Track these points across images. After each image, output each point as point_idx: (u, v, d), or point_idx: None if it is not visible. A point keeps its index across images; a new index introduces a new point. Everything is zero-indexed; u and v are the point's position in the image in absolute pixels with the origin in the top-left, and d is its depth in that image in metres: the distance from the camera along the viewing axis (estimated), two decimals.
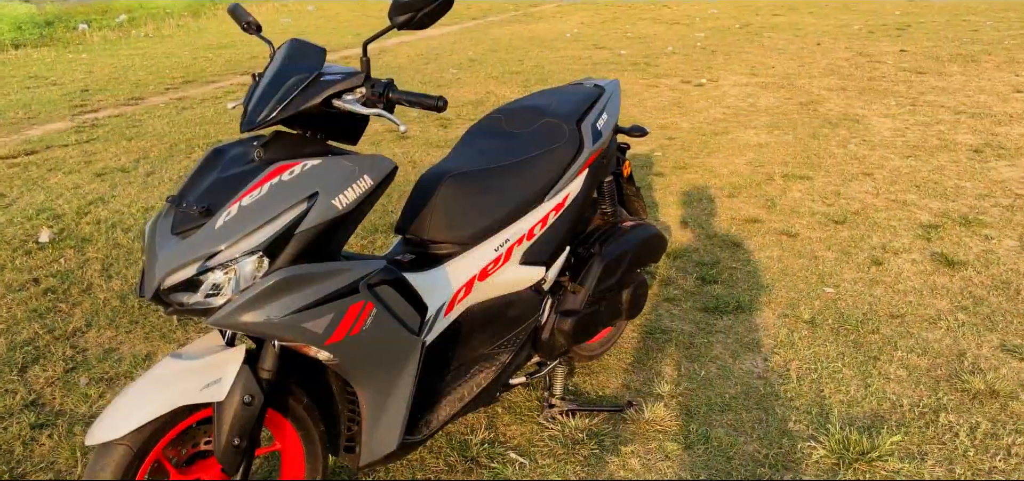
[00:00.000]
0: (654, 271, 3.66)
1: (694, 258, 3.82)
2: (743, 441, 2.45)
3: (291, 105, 1.82)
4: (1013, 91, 7.31)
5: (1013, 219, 4.16)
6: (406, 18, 1.80)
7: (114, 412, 1.74)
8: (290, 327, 1.75)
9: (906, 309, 3.24)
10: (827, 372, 2.81)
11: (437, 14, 1.80)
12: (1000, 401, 2.58)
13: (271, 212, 1.74)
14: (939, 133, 5.99)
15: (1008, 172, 4.98)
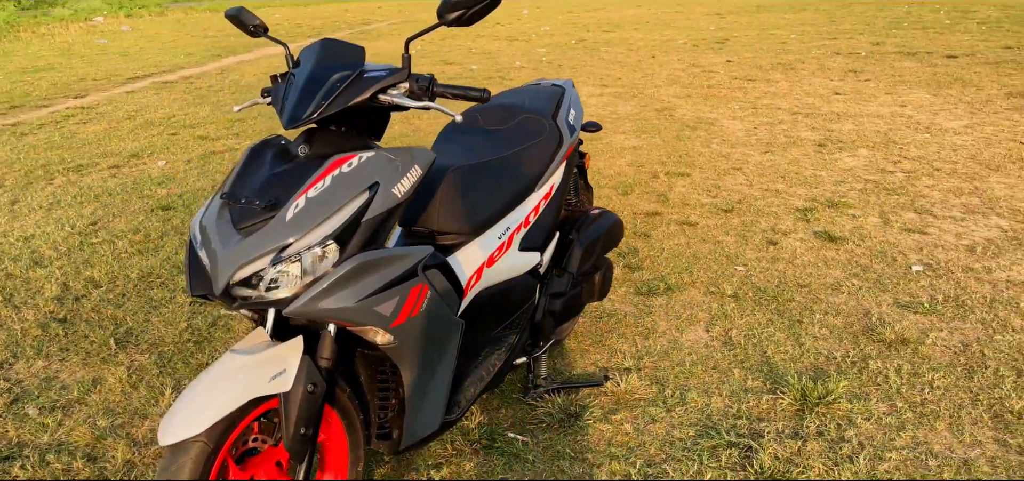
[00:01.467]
0: None
1: (615, 249, 4.10)
2: (715, 400, 2.72)
3: (338, 101, 1.88)
4: (833, 93, 8.25)
5: (870, 200, 4.77)
6: (457, 15, 1.91)
7: (185, 410, 1.73)
8: (364, 311, 1.81)
9: (809, 279, 3.67)
10: (763, 336, 3.15)
11: (486, 11, 1.92)
12: (911, 346, 3.02)
13: (338, 202, 1.80)
14: (784, 131, 6.68)
15: (851, 162, 5.66)
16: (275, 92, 2.07)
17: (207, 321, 3.44)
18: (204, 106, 8.65)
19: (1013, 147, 5.83)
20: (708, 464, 2.38)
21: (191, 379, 2.79)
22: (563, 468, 2.40)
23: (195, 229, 1.91)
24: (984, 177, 5.14)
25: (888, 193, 4.89)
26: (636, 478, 2.34)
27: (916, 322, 3.20)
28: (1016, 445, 2.40)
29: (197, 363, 3.09)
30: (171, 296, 3.71)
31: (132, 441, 2.61)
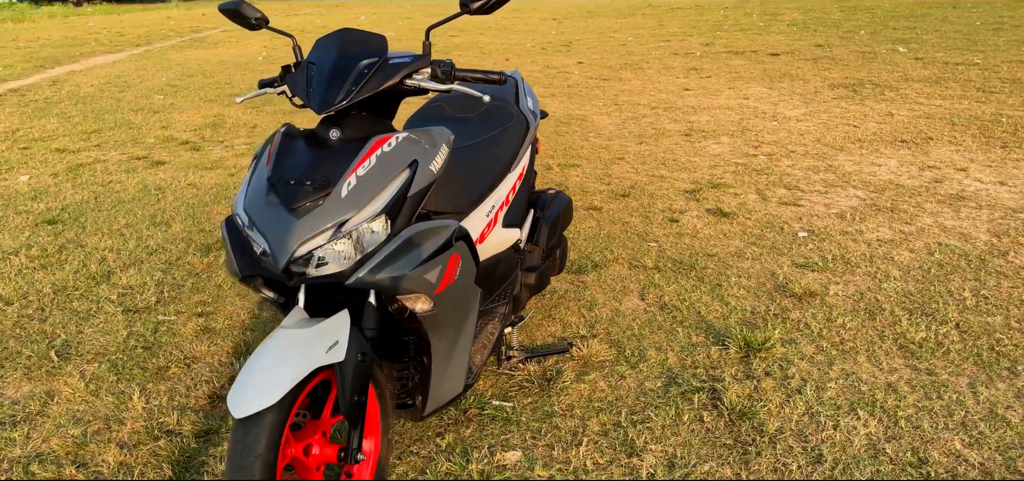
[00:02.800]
0: None
1: None
2: (671, 356, 3.03)
3: (368, 86, 2.01)
4: (682, 89, 8.93)
5: (744, 180, 5.31)
6: (480, 4, 2.09)
7: (254, 384, 1.80)
8: (415, 279, 1.95)
9: (715, 250, 4.09)
10: (693, 299, 3.50)
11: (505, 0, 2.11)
12: (819, 297, 3.47)
13: (386, 179, 1.93)
14: (650, 124, 7.20)
15: (718, 148, 6.23)
16: (293, 81, 2.15)
17: (148, 327, 3.37)
18: (48, 118, 8.12)
19: (849, 130, 6.62)
20: (684, 407, 2.67)
21: (152, 383, 2.78)
22: (556, 424, 2.61)
23: (240, 212, 1.97)
24: (833, 157, 5.82)
25: (757, 173, 5.45)
26: (625, 424, 2.59)
27: (816, 278, 3.67)
28: (924, 368, 2.86)
29: (154, 367, 3.05)
30: (97, 307, 3.59)
31: (119, 444, 2.56)
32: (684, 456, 2.42)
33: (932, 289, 3.49)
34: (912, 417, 2.56)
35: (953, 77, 8.79)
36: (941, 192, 4.87)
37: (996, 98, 7.56)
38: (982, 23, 13.80)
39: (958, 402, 2.63)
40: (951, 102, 7.52)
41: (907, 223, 4.35)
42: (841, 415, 2.58)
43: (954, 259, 3.81)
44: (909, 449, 2.40)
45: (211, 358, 3.11)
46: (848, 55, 10.84)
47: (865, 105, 7.59)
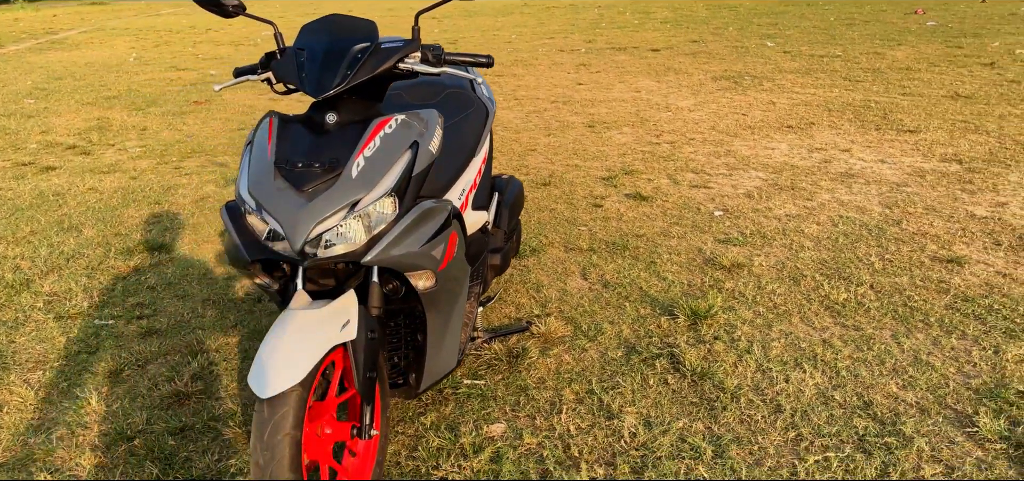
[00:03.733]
0: None
1: None
2: (624, 328, 3.20)
3: (363, 70, 2.07)
4: (575, 83, 9.22)
5: (654, 166, 5.59)
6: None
7: (275, 365, 1.81)
8: (424, 255, 2.03)
9: (642, 231, 4.31)
10: (632, 276, 3.70)
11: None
12: (746, 268, 3.74)
13: (391, 160, 2.00)
14: (553, 117, 7.42)
15: (622, 138, 6.51)
16: (282, 67, 2.17)
17: (88, 333, 3.25)
18: None
19: (738, 118, 7.05)
20: (648, 373, 2.84)
21: (107, 386, 2.73)
22: (532, 396, 2.73)
23: (246, 196, 1.97)
24: (729, 142, 6.21)
25: (664, 160, 5.75)
26: (598, 391, 2.74)
27: (739, 252, 3.94)
28: (851, 324, 3.16)
29: (105, 370, 2.96)
30: (24, 315, 3.43)
31: (91, 447, 2.49)
32: (658, 415, 2.58)
33: (843, 256, 3.83)
34: (850, 368, 2.83)
35: (820, 68, 9.48)
36: (832, 171, 5.30)
37: (862, 86, 8.23)
38: (836, 19, 14.88)
39: (886, 352, 2.93)
40: (824, 91, 8.12)
41: (808, 199, 4.72)
42: (789, 370, 2.82)
43: (856, 229, 4.18)
44: (854, 394, 2.66)
45: (165, 359, 3.04)
46: (722, 50, 11.47)
47: (747, 95, 8.08)
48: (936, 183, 4.92)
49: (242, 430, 2.56)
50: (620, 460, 2.36)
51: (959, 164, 5.32)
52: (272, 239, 1.97)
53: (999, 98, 7.34)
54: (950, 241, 3.95)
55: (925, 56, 10.07)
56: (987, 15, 14.56)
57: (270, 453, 1.80)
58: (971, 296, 3.33)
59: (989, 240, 3.95)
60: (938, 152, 5.63)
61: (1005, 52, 10.08)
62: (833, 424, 2.49)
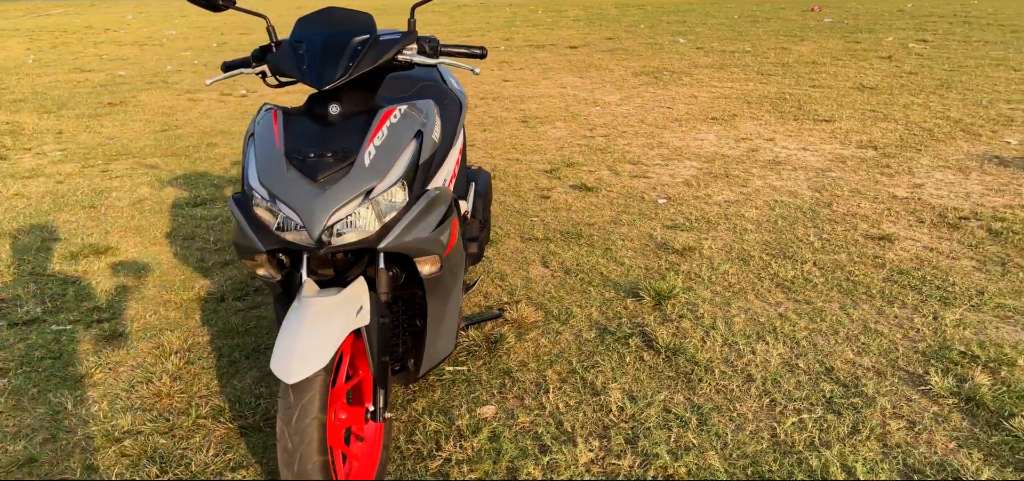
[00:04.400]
0: None
1: None
2: (593, 311, 3.33)
3: (364, 62, 2.12)
4: (502, 80, 9.34)
5: (593, 158, 5.75)
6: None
7: (300, 351, 1.85)
8: (434, 240, 2.10)
9: (592, 220, 4.46)
10: (590, 262, 3.83)
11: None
12: (697, 251, 3.93)
13: (399, 148, 2.06)
14: (486, 113, 7.51)
15: (557, 132, 6.66)
16: (280, 59, 2.19)
17: (47, 339, 3.17)
18: None
19: (664, 111, 7.31)
20: (624, 351, 2.97)
21: (76, 390, 2.70)
22: (516, 378, 2.82)
23: (257, 188, 1.99)
24: (660, 134, 6.44)
25: (601, 152, 5.92)
26: (579, 370, 2.85)
27: (688, 236, 4.13)
28: (802, 299, 3.37)
29: (74, 375, 2.90)
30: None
31: (80, 449, 2.45)
32: (640, 390, 2.72)
33: (784, 237, 4.06)
34: (808, 338, 3.03)
35: (733, 63, 9.89)
36: (760, 159, 5.58)
37: (775, 80, 8.64)
38: (739, 16, 15.50)
39: (838, 322, 3.15)
40: (740, 84, 8.49)
41: (743, 186, 4.97)
42: (753, 342, 3.00)
43: (792, 212, 4.44)
44: (816, 362, 2.86)
45: (135, 360, 2.99)
46: (638, 47, 11.80)
47: (669, 89, 8.37)
48: (857, 168, 5.25)
49: (235, 426, 2.56)
50: (613, 432, 2.48)
51: (875, 150, 5.68)
52: (282, 229, 1.99)
53: (900, 88, 7.85)
54: (878, 220, 4.25)
55: (828, 51, 10.63)
56: (877, 12, 15.44)
57: (299, 437, 1.83)
58: (905, 269, 3.60)
59: (913, 218, 4.26)
60: (854, 139, 5.99)
61: (899, 46, 10.75)
62: (802, 389, 2.68)
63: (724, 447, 2.38)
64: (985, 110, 6.78)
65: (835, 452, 2.32)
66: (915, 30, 12.49)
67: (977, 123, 6.34)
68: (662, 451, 2.37)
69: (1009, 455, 2.29)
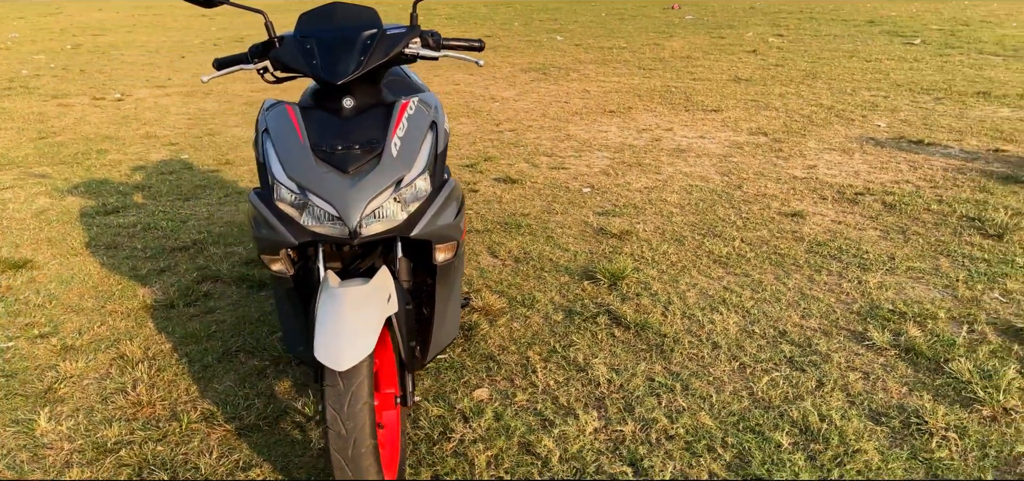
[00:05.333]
0: None
1: None
2: (555, 295, 3.48)
3: (375, 56, 2.17)
4: None
5: (509, 152, 5.91)
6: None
7: (346, 339, 1.89)
8: (455, 228, 2.19)
9: (526, 210, 4.61)
10: (537, 248, 3.98)
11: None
12: (634, 235, 4.15)
13: (420, 139, 2.14)
14: None
15: (464, 128, 6.77)
16: (285, 54, 2.20)
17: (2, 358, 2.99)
18: None
19: (562, 106, 7.56)
20: (595, 329, 3.14)
21: (43, 406, 2.63)
22: (500, 361, 2.92)
23: (286, 182, 2.01)
24: (565, 127, 6.67)
25: (514, 146, 6.08)
26: (559, 350, 2.99)
27: (621, 221, 4.36)
28: (741, 272, 3.65)
29: (35, 392, 2.77)
30: None
31: (75, 464, 2.36)
32: (621, 363, 2.89)
33: (707, 218, 4.36)
34: (756, 307, 3.30)
35: (614, 59, 10.30)
36: (665, 147, 5.91)
37: (656, 74, 9.09)
38: (607, 14, 16.09)
39: (778, 292, 3.44)
40: (625, 79, 8.88)
41: (657, 173, 5.26)
42: (709, 314, 3.24)
43: (708, 196, 4.75)
44: (770, 327, 3.12)
45: (98, 372, 2.89)
46: (518, 44, 12.05)
47: (560, 84, 8.64)
48: (754, 152, 5.66)
49: (231, 428, 2.53)
50: (608, 403, 2.63)
51: (765, 136, 6.13)
52: (313, 222, 2.02)
53: (772, 79, 8.46)
54: (787, 199, 4.62)
55: (697, 46, 11.26)
56: (732, 9, 16.44)
57: (353, 422, 1.88)
58: (821, 241, 3.96)
59: (815, 196, 4.67)
60: (744, 127, 6.44)
61: (760, 41, 11.52)
62: (764, 351, 2.93)
63: (711, 407, 2.58)
64: (850, 97, 7.43)
65: (809, 404, 2.57)
66: (770, 26, 13.41)
67: (847, 109, 6.95)
68: (659, 415, 2.54)
69: (954, 395, 2.61)
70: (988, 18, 13.13)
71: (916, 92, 7.56)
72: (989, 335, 2.96)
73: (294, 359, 2.82)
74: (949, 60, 9.28)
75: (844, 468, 2.25)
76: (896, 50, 10.20)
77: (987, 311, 3.15)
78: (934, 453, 2.31)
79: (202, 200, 4.91)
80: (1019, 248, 3.75)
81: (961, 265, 3.60)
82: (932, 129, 6.14)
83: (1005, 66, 8.70)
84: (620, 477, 2.26)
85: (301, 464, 2.36)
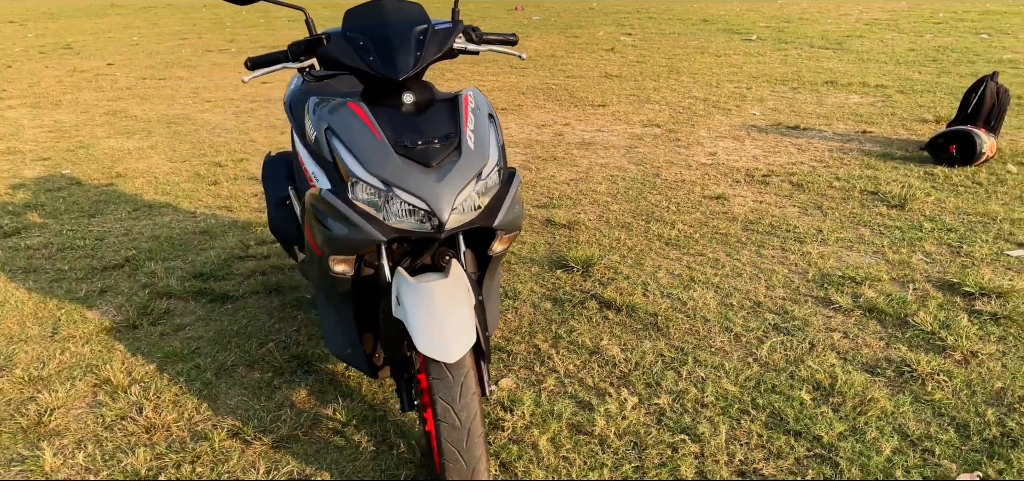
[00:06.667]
0: None
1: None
2: (535, 286, 3.55)
3: (430, 51, 2.19)
4: (260, 83, 8.99)
5: None
6: None
7: (451, 332, 1.92)
8: (521, 217, 2.24)
9: None
10: None
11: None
12: (581, 224, 4.30)
13: (487, 130, 2.18)
14: (264, 119, 7.25)
15: None
16: (335, 51, 2.16)
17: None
18: None
19: None
20: (590, 314, 3.25)
21: (37, 439, 2.48)
22: (511, 352, 2.96)
23: (370, 179, 1.97)
24: None
25: None
26: (566, 337, 3.07)
27: (564, 213, 4.48)
28: (695, 252, 3.88)
29: (20, 427, 2.53)
30: None
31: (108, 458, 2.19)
32: (628, 343, 3.01)
33: (642, 205, 4.59)
34: (724, 282, 3.53)
35: (483, 60, 10.44)
36: (570, 141, 6.11)
37: (531, 73, 9.33)
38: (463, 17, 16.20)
39: (736, 267, 3.70)
40: (503, 78, 9.05)
41: (574, 165, 5.44)
42: (685, 291, 3.44)
43: (634, 185, 4.99)
44: (744, 299, 3.36)
45: (85, 401, 2.68)
46: None
47: (443, 84, 8.67)
48: (655, 143, 5.98)
49: (268, 441, 2.43)
50: (634, 380, 2.75)
51: (658, 128, 6.49)
52: (382, 217, 1.99)
53: (640, 76, 8.91)
54: (705, 184, 4.94)
55: (557, 45, 11.63)
56: (575, 10, 17.07)
57: (466, 413, 1.90)
58: (752, 220, 4.28)
59: (729, 179, 5.02)
60: (635, 120, 6.77)
61: (614, 40, 12.07)
62: (751, 321, 3.15)
63: (727, 375, 2.76)
64: (717, 89, 7.98)
65: (811, 364, 2.81)
66: (616, 26, 14.06)
67: (720, 100, 7.46)
68: (686, 386, 2.69)
69: (926, 344, 2.93)
70: (804, 16, 14.44)
71: (773, 83, 8.23)
72: (931, 291, 3.34)
73: (342, 362, 2.68)
74: (788, 54, 10.15)
75: (867, 416, 2.49)
76: (739, 46, 11.02)
77: (918, 271, 3.55)
78: (933, 395, 2.59)
79: (110, 216, 4.56)
80: (921, 216, 4.22)
81: (880, 233, 4.01)
82: (801, 116, 6.73)
83: (837, 58, 9.64)
84: (681, 445, 2.37)
85: (360, 467, 2.31)
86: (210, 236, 4.18)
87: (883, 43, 10.58)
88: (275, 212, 3.10)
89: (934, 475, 2.21)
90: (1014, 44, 10.01)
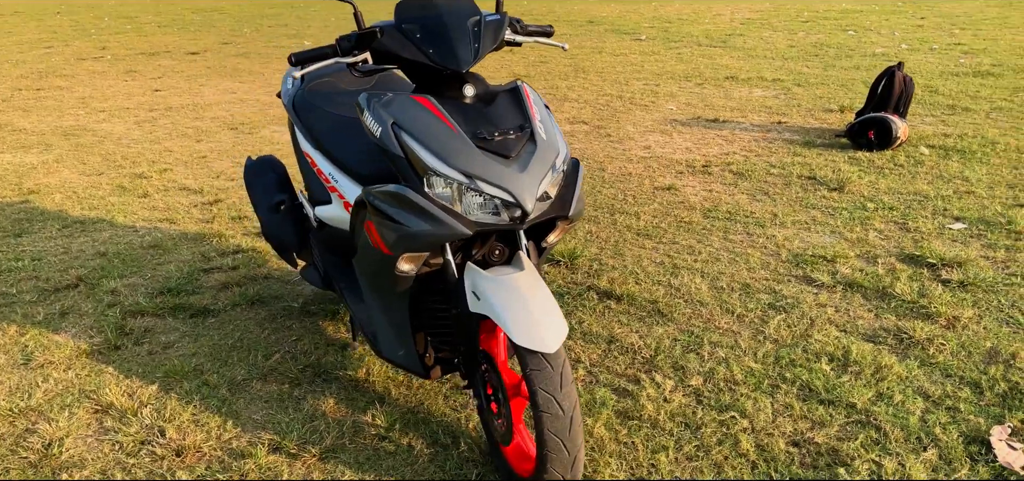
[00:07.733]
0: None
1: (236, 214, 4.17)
2: None
3: (486, 42, 2.18)
4: (152, 91, 8.52)
5: None
6: None
7: (546, 322, 1.91)
8: (584, 207, 2.25)
9: None
10: None
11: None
12: None
13: (549, 120, 2.18)
14: (192, 126, 6.89)
15: (279, 135, 6.45)
16: (391, 44, 2.11)
17: None
18: None
19: None
20: (594, 305, 3.28)
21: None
22: None
23: (451, 173, 1.93)
24: None
25: None
26: (575, 326, 3.10)
27: None
28: (667, 240, 3.99)
29: (29, 462, 2.32)
30: None
31: None
32: (639, 329, 3.07)
33: (600, 198, 4.67)
34: (706, 267, 3.65)
35: None
36: None
37: None
38: (338, 18, 15.89)
39: (711, 253, 3.82)
40: None
41: None
42: (673, 277, 3.53)
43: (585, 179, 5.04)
44: (732, 282, 3.49)
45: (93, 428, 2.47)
46: (267, 49, 11.54)
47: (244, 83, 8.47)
48: (588, 138, 6.09)
49: (315, 452, 2.33)
50: (660, 362, 2.80)
51: (586, 124, 6.61)
52: (473, 212, 1.97)
53: (548, 74, 9.04)
54: (652, 176, 5.08)
55: None
56: None
57: (568, 401, 1.91)
58: (709, 208, 4.44)
59: (673, 171, 5.18)
60: (562, 116, 6.87)
61: None
62: (746, 301, 3.28)
63: (745, 352, 2.86)
64: (628, 87, 8.21)
65: (818, 337, 2.95)
66: None
67: (635, 97, 7.68)
68: (713, 366, 2.77)
69: (912, 313, 3.14)
70: (681, 16, 15.05)
71: (677, 79, 8.55)
72: (897, 265, 3.57)
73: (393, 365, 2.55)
74: (680, 52, 10.56)
75: (887, 382, 2.64)
76: (632, 45, 11.36)
77: (878, 247, 3.79)
78: (936, 357, 2.78)
79: (39, 234, 4.21)
80: (861, 196, 4.51)
81: (830, 214, 4.25)
82: (715, 109, 7.03)
83: (728, 55, 10.11)
84: (731, 422, 2.44)
85: (420, 470, 2.25)
86: (162, 250, 3.93)
87: (764, 41, 11.18)
88: (269, 218, 2.97)
89: (967, 429, 2.37)
90: (879, 40, 10.83)
